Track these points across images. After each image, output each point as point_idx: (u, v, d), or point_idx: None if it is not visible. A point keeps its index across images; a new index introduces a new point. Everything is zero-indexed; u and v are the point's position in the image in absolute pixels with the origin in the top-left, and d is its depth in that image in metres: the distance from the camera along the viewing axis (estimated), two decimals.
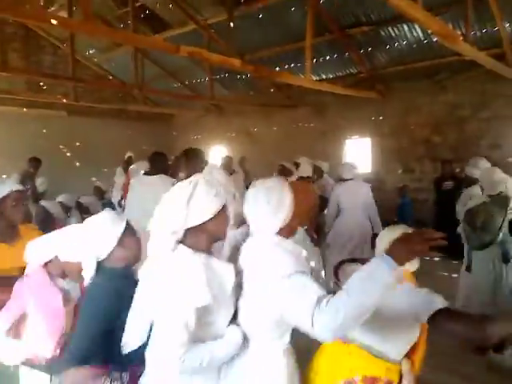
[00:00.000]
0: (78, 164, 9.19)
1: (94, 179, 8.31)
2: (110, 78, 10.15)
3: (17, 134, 8.42)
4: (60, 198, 4.72)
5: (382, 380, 1.62)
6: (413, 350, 1.70)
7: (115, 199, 7.19)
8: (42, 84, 8.81)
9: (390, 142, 7.74)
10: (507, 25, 5.62)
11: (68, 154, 9.13)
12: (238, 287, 1.50)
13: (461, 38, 4.31)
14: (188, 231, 1.42)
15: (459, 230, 3.92)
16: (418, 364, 1.74)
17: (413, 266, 1.80)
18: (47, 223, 3.91)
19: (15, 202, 2.25)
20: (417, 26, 5.92)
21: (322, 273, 4.10)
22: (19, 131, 8.48)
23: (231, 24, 5.13)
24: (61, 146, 9.04)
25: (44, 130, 8.84)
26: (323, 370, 1.72)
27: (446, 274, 5.08)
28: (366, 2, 5.83)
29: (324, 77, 8.01)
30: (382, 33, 6.36)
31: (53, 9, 7.92)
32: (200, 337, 1.37)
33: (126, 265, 1.70)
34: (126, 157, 7.78)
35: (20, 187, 2.34)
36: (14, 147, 7.96)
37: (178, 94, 9.06)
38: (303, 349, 1.70)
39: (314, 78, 7.63)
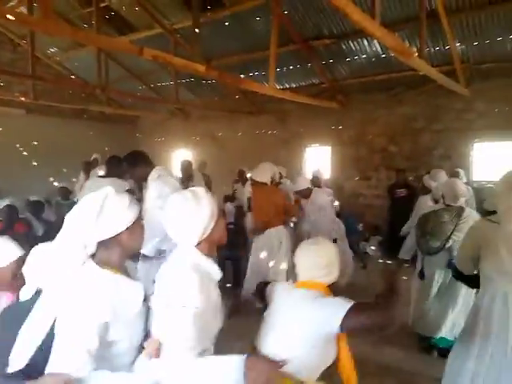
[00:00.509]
0: (35, 164, 8.90)
1: (51, 179, 8.10)
2: (72, 77, 9.92)
3: None
4: (7, 201, 4.61)
5: None
6: (338, 365, 1.76)
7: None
8: None
9: (349, 151, 8.01)
10: (458, 44, 5.98)
11: (25, 153, 8.83)
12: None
13: (416, 54, 4.54)
14: (100, 244, 1.37)
15: (403, 231, 4.19)
16: (351, 375, 1.77)
17: (329, 278, 1.84)
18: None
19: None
20: (376, 41, 6.19)
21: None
22: None
23: (196, 30, 5.16)
24: (17, 145, 8.73)
25: (0, 128, 8.52)
26: None
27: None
28: (329, 16, 6.03)
29: (287, 86, 8.19)
30: (343, 46, 6.60)
31: (12, 4, 7.68)
32: (104, 356, 1.30)
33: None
34: (91, 158, 7.66)
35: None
36: None
37: (143, 97, 8.99)
38: None
39: (278, 87, 7.80)
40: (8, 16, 2.98)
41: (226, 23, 6.77)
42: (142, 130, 11.49)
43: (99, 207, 1.35)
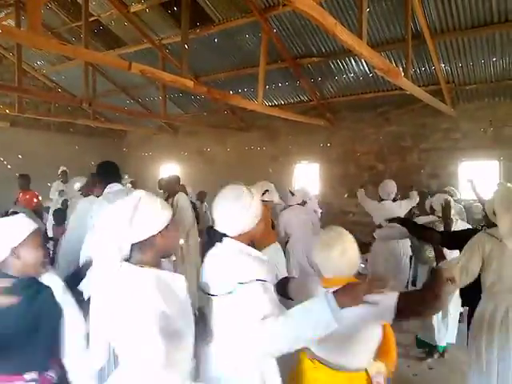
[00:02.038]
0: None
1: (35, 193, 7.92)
2: (59, 90, 9.84)
3: None
4: None
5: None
6: (381, 351, 1.78)
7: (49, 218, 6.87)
8: None
9: (338, 168, 8.04)
10: (443, 65, 6.10)
11: (9, 166, 8.65)
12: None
13: (402, 73, 4.60)
14: (135, 247, 1.39)
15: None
16: (392, 362, 1.81)
17: (356, 269, 1.82)
18: None
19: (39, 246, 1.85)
20: (363, 61, 6.27)
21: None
22: None
23: (185, 46, 5.17)
24: (0, 158, 8.57)
25: None
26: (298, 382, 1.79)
27: None
28: (317, 35, 6.10)
29: (276, 103, 8.23)
30: (331, 64, 6.67)
31: None
32: (169, 350, 1.31)
33: (21, 275, 1.63)
34: (59, 170, 7.56)
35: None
36: None
37: (130, 111, 8.93)
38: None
39: (267, 104, 7.83)
40: None
41: (215, 39, 6.80)
42: (130, 145, 11.40)
43: (133, 210, 1.38)
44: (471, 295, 2.46)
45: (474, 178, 5.24)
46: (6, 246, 1.59)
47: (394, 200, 5.21)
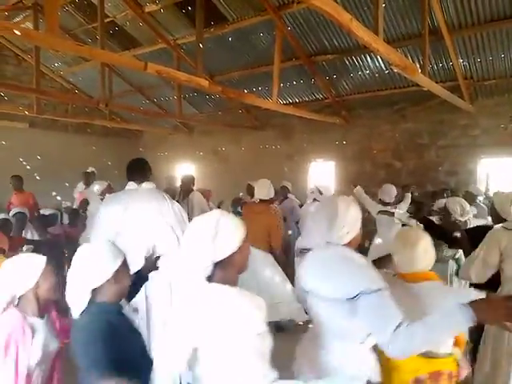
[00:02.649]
0: (38, 177, 8.89)
1: (54, 193, 8.07)
2: (76, 91, 9.99)
3: None
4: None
5: (445, 373, 1.85)
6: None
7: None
8: (3, 94, 8.54)
9: (353, 166, 7.96)
10: (461, 60, 5.98)
11: (28, 167, 8.81)
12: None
13: (419, 70, 4.54)
14: (216, 265, 1.41)
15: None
16: (462, 345, 1.96)
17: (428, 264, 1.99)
18: None
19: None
20: (379, 57, 6.20)
21: (288, 287, 4.19)
22: None
23: (200, 45, 5.18)
24: (20, 159, 8.72)
25: (3, 142, 8.52)
26: (396, 369, 1.86)
27: None
28: (332, 32, 6.05)
29: (290, 101, 8.20)
30: (347, 61, 6.61)
31: (18, 19, 7.78)
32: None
33: (117, 300, 1.68)
34: (88, 171, 7.67)
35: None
36: None
37: (146, 111, 9.01)
38: None
39: (281, 102, 7.81)
40: (15, 31, 2.97)
41: (230, 38, 6.81)
42: (145, 145, 11.49)
43: (214, 230, 1.40)
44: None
45: (492, 174, 5.20)
46: (108, 270, 1.63)
47: (393, 204, 5.25)
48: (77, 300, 1.60)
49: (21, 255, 1.93)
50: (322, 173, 8.54)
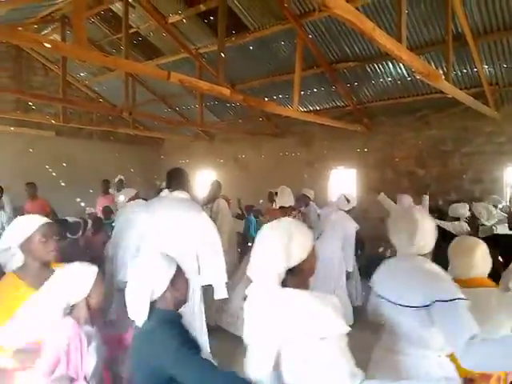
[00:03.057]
0: (63, 184, 9.11)
1: (78, 200, 8.24)
2: (101, 100, 10.22)
3: (3, 153, 8.36)
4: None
5: (494, 375, 1.91)
6: None
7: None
8: (31, 104, 8.82)
9: (375, 174, 7.87)
10: (486, 66, 5.87)
11: (54, 174, 9.05)
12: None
13: (442, 76, 4.47)
14: (289, 271, 1.45)
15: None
16: None
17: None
18: None
19: (44, 237, 1.96)
20: (401, 64, 6.15)
21: None
22: (6, 150, 8.43)
23: (222, 54, 5.24)
24: (47, 166, 8.96)
25: (30, 150, 8.78)
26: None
27: None
28: (353, 39, 6.04)
29: (311, 108, 8.19)
30: (368, 68, 6.57)
31: (46, 32, 8.04)
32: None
33: (178, 307, 1.70)
34: (116, 179, 7.83)
35: (48, 220, 2.05)
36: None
37: (169, 120, 9.15)
38: None
39: (302, 109, 7.80)
40: (45, 44, 3.07)
41: (251, 47, 6.87)
42: (167, 152, 11.65)
43: (287, 238, 1.44)
44: None
45: None
46: (166, 279, 1.65)
47: None
48: (139, 310, 1.60)
49: (73, 264, 1.98)
50: (343, 180, 8.47)
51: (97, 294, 1.91)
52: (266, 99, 7.79)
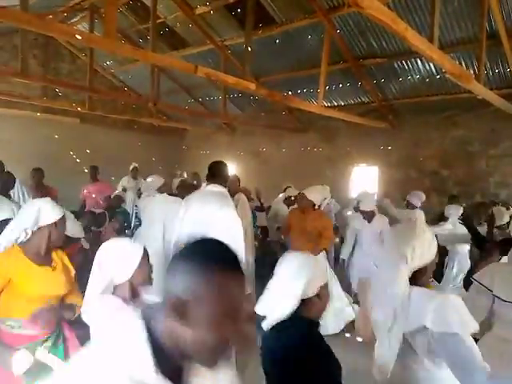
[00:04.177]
0: (86, 170, 9.27)
1: None
2: (125, 89, 10.32)
3: (29, 138, 8.54)
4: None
5: None
6: None
7: (129, 208, 7.26)
8: (57, 91, 8.97)
9: (398, 172, 7.77)
10: None
11: (78, 160, 9.21)
12: None
13: (473, 77, 4.36)
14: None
15: None
16: None
17: None
18: None
19: (62, 225, 2.21)
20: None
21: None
22: (32, 135, 8.61)
23: (249, 48, 5.21)
24: (71, 152, 9.13)
25: (56, 136, 8.94)
26: None
27: None
28: (382, 35, 5.93)
29: (335, 103, 8.10)
30: (396, 65, 6.45)
31: (74, 20, 8.13)
32: None
33: (318, 317, 1.66)
34: (131, 167, 7.90)
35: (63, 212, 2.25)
36: (26, 150, 8.08)
37: (192, 111, 9.19)
38: None
39: (326, 104, 7.72)
40: (77, 36, 3.12)
41: (277, 40, 6.81)
42: (188, 143, 11.72)
43: (415, 239, 1.65)
44: None
45: None
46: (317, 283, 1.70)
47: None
48: (279, 310, 1.55)
49: (121, 241, 1.86)
50: (365, 178, 8.38)
51: (141, 275, 1.75)
52: (290, 93, 7.74)
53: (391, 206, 5.62)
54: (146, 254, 1.79)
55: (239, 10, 6.41)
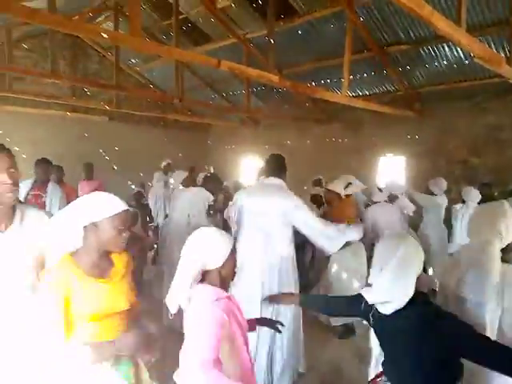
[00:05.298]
0: (115, 168, 9.49)
1: (129, 183, 8.58)
2: (151, 86, 10.49)
3: (60, 137, 8.81)
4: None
5: None
6: None
7: (151, 203, 7.45)
8: (86, 90, 9.21)
9: (426, 162, 7.59)
10: None
11: (107, 158, 9.45)
12: None
13: (504, 60, 4.22)
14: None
15: None
16: None
17: None
18: None
19: (123, 225, 1.72)
20: (458, 47, 5.84)
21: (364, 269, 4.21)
22: (62, 134, 8.88)
23: (271, 40, 5.20)
24: (100, 150, 9.36)
25: (86, 134, 9.19)
26: None
27: None
28: (407, 21, 5.80)
29: (360, 93, 7.99)
30: (422, 52, 6.30)
31: (99, 19, 8.31)
32: None
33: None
34: (165, 163, 8.08)
35: (127, 207, 1.77)
36: (56, 149, 8.34)
37: (216, 106, 9.26)
38: None
39: (350, 94, 7.63)
40: (103, 34, 3.21)
41: (299, 31, 6.76)
42: (213, 138, 11.81)
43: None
44: None
45: None
46: None
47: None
48: (402, 297, 1.70)
49: (212, 229, 1.81)
50: (391, 168, 8.25)
51: (230, 265, 1.75)
52: (314, 84, 7.68)
53: (417, 194, 5.67)
54: (234, 247, 1.80)
55: (260, 3, 6.40)
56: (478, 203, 5.19)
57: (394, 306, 1.68)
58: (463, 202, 5.31)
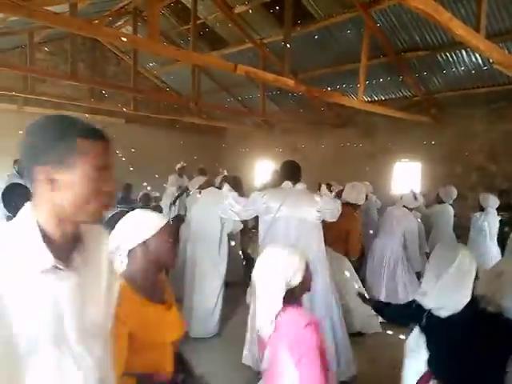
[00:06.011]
0: (131, 169, 9.61)
1: (145, 184, 8.67)
2: (167, 89, 10.61)
3: None
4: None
5: None
6: None
7: (165, 205, 7.53)
8: (104, 92, 9.37)
9: (442, 168, 7.52)
10: None
11: (123, 159, 9.57)
12: None
13: None
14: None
15: None
16: None
17: None
18: None
19: (171, 238, 1.60)
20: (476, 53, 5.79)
21: (354, 283, 4.28)
22: None
23: (288, 45, 5.22)
24: (117, 152, 9.49)
25: None
26: None
27: None
28: (424, 27, 5.77)
29: (376, 98, 7.96)
30: (439, 57, 6.25)
31: (119, 23, 8.46)
32: None
33: None
34: (180, 165, 8.18)
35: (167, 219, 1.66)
36: None
37: (232, 109, 9.32)
38: None
39: (366, 99, 7.60)
40: (122, 38, 3.28)
41: (315, 36, 6.78)
42: (228, 141, 11.88)
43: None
44: None
45: None
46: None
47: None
48: (457, 304, 1.84)
49: (281, 246, 1.76)
50: (407, 174, 8.18)
51: (306, 281, 1.69)
52: (329, 89, 7.68)
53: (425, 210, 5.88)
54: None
55: (277, 8, 6.44)
56: (497, 209, 5.14)
57: (451, 310, 1.84)
58: (481, 209, 5.22)
